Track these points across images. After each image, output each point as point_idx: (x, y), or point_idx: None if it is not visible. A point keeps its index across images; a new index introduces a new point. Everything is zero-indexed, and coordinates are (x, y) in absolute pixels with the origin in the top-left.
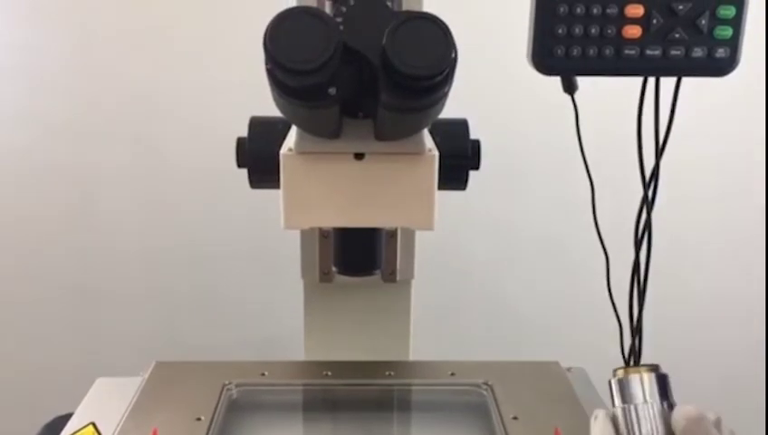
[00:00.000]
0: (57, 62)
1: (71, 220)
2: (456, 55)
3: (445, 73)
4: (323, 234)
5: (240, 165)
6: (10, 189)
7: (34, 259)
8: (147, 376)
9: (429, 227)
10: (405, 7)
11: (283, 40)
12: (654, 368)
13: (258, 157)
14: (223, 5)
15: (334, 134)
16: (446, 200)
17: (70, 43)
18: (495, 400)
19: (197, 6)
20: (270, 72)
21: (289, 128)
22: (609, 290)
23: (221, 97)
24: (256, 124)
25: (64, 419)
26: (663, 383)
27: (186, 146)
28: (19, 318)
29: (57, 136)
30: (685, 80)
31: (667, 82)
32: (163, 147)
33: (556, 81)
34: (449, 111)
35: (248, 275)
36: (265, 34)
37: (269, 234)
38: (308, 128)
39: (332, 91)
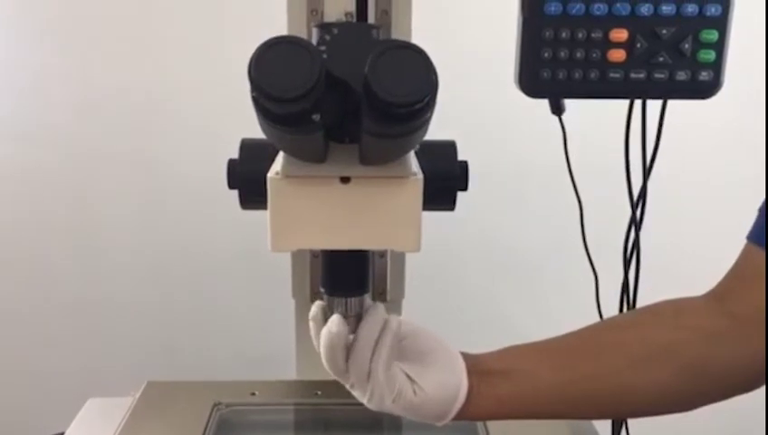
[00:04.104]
0: (52, 69)
1: (66, 233)
2: (436, 83)
3: (425, 101)
4: (314, 254)
5: (231, 186)
6: (5, 200)
7: (28, 272)
8: (138, 396)
9: (415, 249)
10: (394, 36)
11: (267, 68)
12: None
13: (248, 179)
14: (227, 12)
15: (320, 159)
16: (437, 220)
17: (65, 51)
18: (485, 422)
19: (199, 12)
20: (255, 100)
21: (279, 151)
22: (599, 308)
23: (221, 111)
24: (247, 147)
25: None
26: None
27: (185, 161)
28: (13, 332)
29: (54, 147)
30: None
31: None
32: (162, 162)
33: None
34: (441, 131)
35: (244, 291)
36: (250, 63)
37: (266, 251)
38: (294, 153)
39: (316, 117)
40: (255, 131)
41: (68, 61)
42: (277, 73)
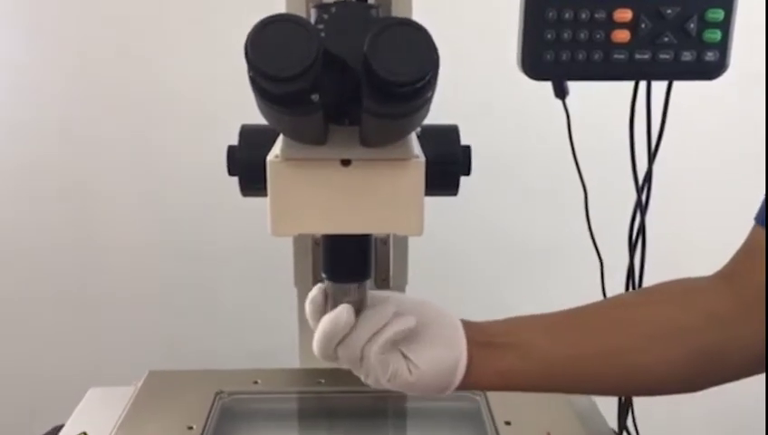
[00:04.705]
0: (51, 60)
1: (67, 226)
2: (438, 61)
3: (427, 79)
4: (316, 241)
5: (231, 173)
6: (4, 193)
7: (29, 265)
8: (139, 385)
9: (417, 233)
10: (394, 14)
11: (264, 47)
12: None
13: (248, 165)
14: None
15: (320, 141)
16: (440, 206)
17: (64, 42)
18: (488, 405)
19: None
20: (252, 80)
21: (278, 136)
22: (604, 293)
23: (221, 99)
24: (247, 133)
25: (61, 429)
26: None
27: (185, 151)
28: (13, 325)
29: (53, 139)
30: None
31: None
32: (161, 152)
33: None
34: (443, 116)
35: (247, 282)
36: (246, 42)
37: (268, 240)
38: (293, 135)
39: (315, 97)
40: (256, 120)
41: (64, 48)
42: (274, 52)
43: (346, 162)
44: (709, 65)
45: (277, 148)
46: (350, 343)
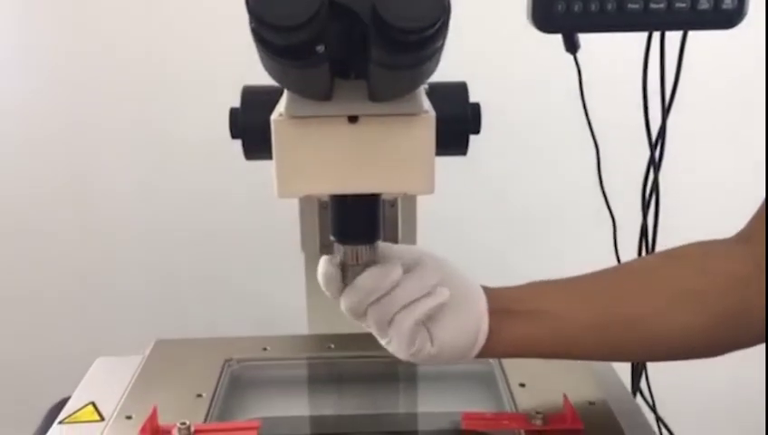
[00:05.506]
0: (51, 35)
1: (69, 200)
2: (449, 6)
3: (437, 26)
4: (323, 205)
5: (234, 136)
6: (7, 170)
7: (34, 242)
8: (147, 354)
9: (429, 191)
10: None
11: None
12: None
13: (252, 127)
14: None
15: (326, 95)
16: (447, 168)
17: (64, 18)
18: (502, 367)
19: None
20: (255, 32)
21: (281, 97)
22: (617, 255)
23: (223, 64)
24: (249, 93)
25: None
26: None
27: (186, 122)
28: (22, 301)
29: (54, 116)
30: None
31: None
32: (163, 123)
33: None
34: (451, 73)
35: (253, 247)
36: None
37: (273, 204)
38: (297, 89)
39: (320, 48)
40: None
41: (62, 24)
42: (276, 0)
43: (353, 119)
44: (726, 13)
45: (281, 106)
46: (386, 303)
